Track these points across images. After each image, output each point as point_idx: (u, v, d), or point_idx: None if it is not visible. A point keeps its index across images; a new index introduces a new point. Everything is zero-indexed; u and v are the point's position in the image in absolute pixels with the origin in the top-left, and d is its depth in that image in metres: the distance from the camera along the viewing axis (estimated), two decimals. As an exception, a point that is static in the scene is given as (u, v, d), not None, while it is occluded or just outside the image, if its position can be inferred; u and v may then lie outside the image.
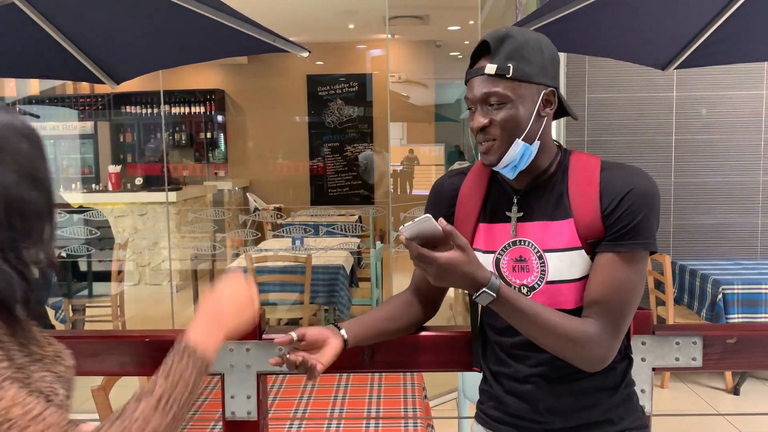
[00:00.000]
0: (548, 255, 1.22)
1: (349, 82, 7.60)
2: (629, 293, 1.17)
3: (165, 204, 5.67)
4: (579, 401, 1.26)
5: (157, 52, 2.66)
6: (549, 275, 1.22)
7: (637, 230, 1.16)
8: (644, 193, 1.17)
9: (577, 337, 1.15)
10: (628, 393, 1.30)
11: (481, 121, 1.18)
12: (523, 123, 1.18)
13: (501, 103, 1.17)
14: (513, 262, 1.25)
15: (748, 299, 3.53)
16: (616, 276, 1.16)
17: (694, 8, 2.50)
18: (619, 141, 4.23)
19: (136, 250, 5.93)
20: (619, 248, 1.16)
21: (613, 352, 1.18)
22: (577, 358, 1.18)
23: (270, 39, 2.24)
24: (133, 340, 1.46)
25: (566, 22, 2.42)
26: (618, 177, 1.20)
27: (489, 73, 1.16)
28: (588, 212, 1.19)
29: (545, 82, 1.19)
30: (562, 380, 1.26)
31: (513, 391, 1.30)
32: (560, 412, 1.27)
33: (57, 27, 2.45)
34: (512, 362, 1.29)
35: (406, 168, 7.67)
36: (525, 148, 1.19)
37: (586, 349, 1.16)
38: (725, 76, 4.20)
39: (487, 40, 1.18)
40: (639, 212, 1.16)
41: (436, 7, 6.19)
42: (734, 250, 4.26)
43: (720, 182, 4.25)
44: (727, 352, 1.41)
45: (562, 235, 1.21)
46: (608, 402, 1.27)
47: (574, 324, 1.16)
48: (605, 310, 1.16)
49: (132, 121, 7.65)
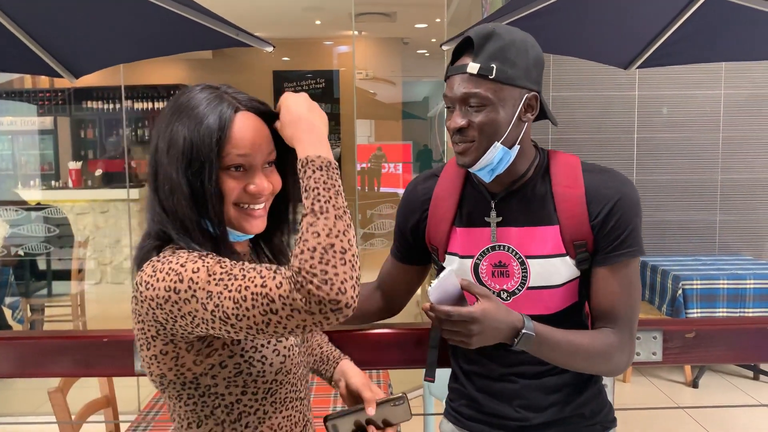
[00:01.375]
0: (531, 261, 1.21)
1: (315, 78, 7.54)
2: (634, 297, 1.21)
3: (127, 201, 5.56)
4: (552, 397, 1.27)
5: (117, 45, 2.59)
6: (531, 281, 1.21)
7: (630, 239, 1.19)
8: (632, 202, 1.19)
9: (605, 351, 1.18)
10: (597, 388, 1.33)
11: (458, 122, 1.14)
12: (503, 127, 1.13)
13: (481, 105, 1.12)
14: (492, 267, 1.23)
15: (707, 294, 3.62)
16: (621, 284, 1.20)
17: (655, 8, 2.54)
18: (582, 139, 4.29)
19: (98, 248, 5.79)
20: (618, 259, 1.19)
21: (633, 354, 1.23)
22: (604, 369, 1.22)
23: (233, 33, 2.20)
24: (90, 339, 1.42)
25: (530, 21, 2.43)
26: (604, 184, 1.19)
27: (471, 72, 1.11)
28: (575, 216, 1.19)
29: (528, 86, 1.14)
30: (535, 377, 1.27)
31: (486, 389, 1.30)
32: (534, 409, 1.28)
33: (12, 18, 2.38)
34: (485, 361, 1.29)
35: (374, 165, 7.66)
36: (504, 152, 1.15)
37: (614, 358, 1.19)
38: (686, 75, 4.29)
39: (471, 37, 1.12)
40: (630, 222, 1.19)
41: (403, 4, 6.19)
42: (693, 246, 4.36)
43: (680, 180, 4.35)
44: (687, 346, 1.44)
45: (546, 242, 1.20)
46: (580, 397, 1.29)
47: (599, 339, 1.19)
48: (619, 318, 1.20)
49: (93, 117, 7.47)
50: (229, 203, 0.97)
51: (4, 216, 4.69)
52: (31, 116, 7.17)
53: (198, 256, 0.90)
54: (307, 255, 0.82)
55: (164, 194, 0.96)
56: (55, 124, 7.33)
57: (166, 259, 0.92)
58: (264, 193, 0.98)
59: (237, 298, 0.83)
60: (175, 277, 0.88)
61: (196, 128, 0.93)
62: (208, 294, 0.85)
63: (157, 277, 0.90)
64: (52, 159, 7.11)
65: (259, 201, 0.99)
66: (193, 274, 0.87)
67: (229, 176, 0.96)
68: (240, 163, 0.96)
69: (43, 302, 4.56)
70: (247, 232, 1.00)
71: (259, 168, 0.98)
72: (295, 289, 0.81)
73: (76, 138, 7.42)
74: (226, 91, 0.99)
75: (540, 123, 1.21)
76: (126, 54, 2.69)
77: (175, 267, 0.89)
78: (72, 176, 6.19)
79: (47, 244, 4.53)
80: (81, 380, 2.00)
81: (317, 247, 0.82)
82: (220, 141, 0.93)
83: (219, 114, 0.94)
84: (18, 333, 3.26)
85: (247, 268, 0.86)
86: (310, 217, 0.85)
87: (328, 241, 0.83)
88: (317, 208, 0.85)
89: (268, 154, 0.99)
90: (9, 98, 7.00)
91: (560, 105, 4.26)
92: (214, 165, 0.93)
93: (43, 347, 1.42)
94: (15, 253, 4.57)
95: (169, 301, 0.88)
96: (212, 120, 0.94)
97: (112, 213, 5.79)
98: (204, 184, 0.93)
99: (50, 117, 7.23)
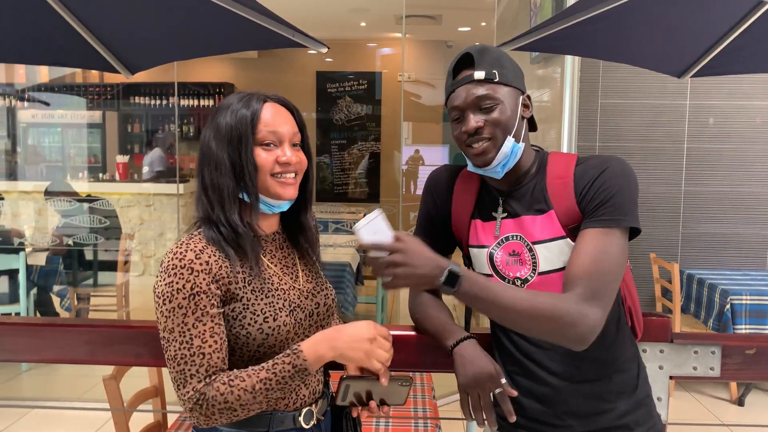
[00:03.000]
0: (537, 247, 1.26)
1: (358, 79, 7.58)
2: (605, 263, 1.17)
3: (172, 195, 5.67)
4: (595, 404, 1.28)
5: (174, 43, 2.64)
6: (540, 266, 1.25)
7: (610, 206, 1.19)
8: (616, 173, 1.21)
9: (555, 313, 1.13)
10: (643, 398, 1.31)
11: (475, 123, 1.25)
12: (512, 121, 1.26)
13: (493, 104, 1.24)
14: (507, 256, 1.29)
15: (756, 310, 3.52)
16: (591, 246, 1.18)
17: (713, 16, 2.49)
18: (630, 147, 4.22)
19: (142, 241, 5.92)
20: (593, 224, 1.19)
21: (595, 324, 1.15)
22: (559, 335, 1.16)
23: (289, 33, 2.22)
24: (149, 330, 1.46)
25: (583, 27, 2.41)
26: (591, 165, 1.25)
27: (479, 78, 1.24)
28: (564, 200, 1.24)
29: (521, 87, 1.30)
30: (579, 382, 1.27)
31: (531, 393, 1.31)
32: (577, 416, 1.28)
33: (75, 14, 2.44)
34: (530, 364, 1.30)
35: (411, 168, 7.66)
36: (514, 145, 1.26)
37: (570, 325, 1.13)
38: (738, 85, 4.19)
39: (470, 52, 1.27)
40: (611, 189, 1.19)
41: (450, 7, 6.17)
42: (743, 260, 4.25)
43: (730, 192, 4.24)
44: (746, 362, 1.41)
45: (546, 227, 1.25)
46: (623, 406, 1.28)
47: (549, 300, 1.15)
48: (581, 280, 1.16)
49: (140, 112, 7.64)
50: (266, 173, 1.19)
51: (57, 206, 4.83)
52: (81, 110, 7.37)
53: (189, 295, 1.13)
54: (221, 399, 1.10)
55: (209, 172, 1.19)
56: (103, 118, 7.51)
57: (174, 267, 1.14)
58: (292, 161, 1.20)
59: (173, 356, 1.13)
60: (168, 291, 1.13)
61: (234, 114, 1.19)
62: (168, 330, 1.14)
63: (162, 277, 1.15)
64: (99, 152, 7.29)
65: (290, 170, 1.21)
66: (177, 308, 1.12)
67: (262, 149, 1.19)
68: (270, 140, 1.19)
69: (89, 291, 4.68)
70: (282, 197, 1.21)
71: (287, 143, 1.21)
72: (191, 405, 1.11)
73: (123, 132, 7.59)
74: (257, 92, 1.23)
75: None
76: (182, 51, 2.73)
77: (170, 286, 1.13)
78: (119, 169, 6.34)
79: (96, 235, 4.64)
80: (131, 370, 2.05)
81: (226, 408, 1.10)
82: (253, 120, 1.18)
83: (252, 104, 1.20)
84: (81, 321, 3.35)
85: (191, 353, 1.12)
86: (249, 392, 1.11)
87: (239, 404, 1.11)
88: (259, 391, 1.12)
89: (293, 135, 1.23)
90: (61, 92, 7.20)
91: (609, 112, 4.20)
92: (249, 140, 1.17)
93: (104, 335, 1.46)
94: (65, 243, 4.70)
95: (156, 304, 1.16)
96: (247, 108, 1.19)
97: (156, 207, 5.91)
98: (241, 156, 1.17)
99: (99, 111, 7.42)
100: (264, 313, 1.17)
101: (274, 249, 1.27)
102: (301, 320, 1.23)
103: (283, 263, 1.27)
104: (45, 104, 6.50)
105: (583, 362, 1.27)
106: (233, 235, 1.17)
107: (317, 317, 1.27)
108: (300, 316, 1.23)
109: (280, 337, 1.19)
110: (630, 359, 1.32)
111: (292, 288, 1.24)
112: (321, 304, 1.28)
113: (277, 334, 1.18)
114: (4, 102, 6.18)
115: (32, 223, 5.28)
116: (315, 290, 1.29)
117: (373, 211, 1.16)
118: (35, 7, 2.35)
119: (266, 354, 1.18)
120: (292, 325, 1.20)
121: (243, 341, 1.17)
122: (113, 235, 4.75)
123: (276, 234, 1.29)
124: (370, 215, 1.14)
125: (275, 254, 1.27)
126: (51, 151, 6.57)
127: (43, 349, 1.48)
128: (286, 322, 1.19)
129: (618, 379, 1.29)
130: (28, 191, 5.44)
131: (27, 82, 6.63)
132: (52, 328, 1.49)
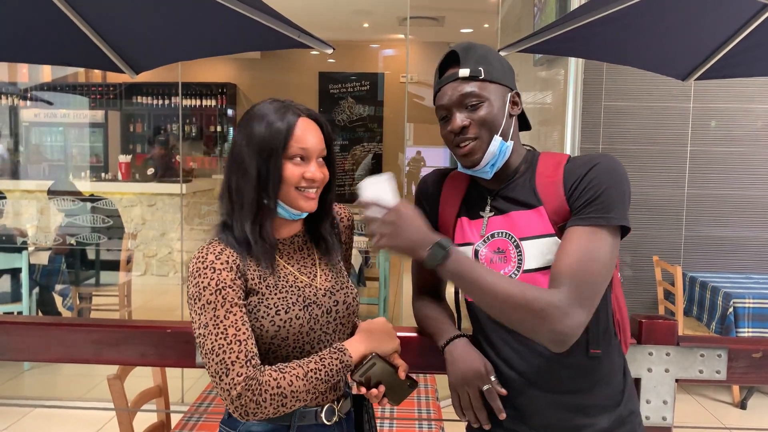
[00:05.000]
0: (524, 243, 1.23)
1: (360, 80, 7.58)
2: (591, 263, 1.13)
3: (174, 195, 5.67)
4: (573, 418, 1.24)
5: (179, 43, 2.64)
6: (525, 264, 1.22)
7: (598, 204, 1.15)
8: (606, 170, 1.18)
9: (537, 306, 1.10)
10: (627, 415, 1.27)
11: (461, 122, 1.23)
12: (499, 119, 1.23)
13: (478, 102, 1.22)
14: (492, 253, 1.26)
15: (760, 313, 3.52)
16: (578, 246, 1.14)
17: (718, 19, 2.48)
18: (633, 150, 4.22)
19: (144, 241, 5.92)
20: (581, 222, 1.16)
21: (577, 326, 1.11)
22: (540, 330, 1.12)
23: (295, 34, 2.22)
24: (155, 330, 1.46)
25: (587, 30, 2.41)
26: (580, 162, 1.22)
27: (464, 76, 1.23)
28: (554, 198, 1.21)
29: (510, 84, 1.27)
30: (559, 393, 1.23)
31: (508, 402, 1.25)
32: (554, 429, 1.24)
33: (79, 14, 2.44)
34: (509, 371, 1.26)
35: (413, 169, 7.66)
36: (502, 144, 1.24)
37: (551, 320, 1.10)
38: (742, 88, 4.19)
39: (455, 50, 1.26)
40: (599, 186, 1.16)
41: (453, 9, 6.18)
42: (746, 263, 4.24)
43: (733, 195, 4.24)
44: (753, 366, 1.40)
45: (535, 223, 1.23)
46: (604, 422, 1.24)
47: (534, 292, 1.12)
48: (566, 279, 1.12)
49: (143, 112, 7.64)
50: (291, 186, 1.23)
51: (60, 206, 4.83)
52: (84, 109, 7.37)
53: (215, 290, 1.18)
54: (274, 384, 1.13)
55: (236, 178, 1.24)
56: (105, 117, 7.51)
57: (199, 270, 1.20)
58: (317, 178, 1.24)
59: (210, 349, 1.15)
60: (196, 291, 1.18)
61: (269, 127, 1.23)
62: (202, 325, 1.17)
63: (191, 280, 1.21)
64: (101, 152, 7.29)
65: (314, 185, 1.26)
66: (207, 304, 1.17)
67: (292, 163, 1.23)
68: (300, 154, 1.24)
69: (91, 291, 4.68)
70: (303, 209, 1.26)
71: (314, 160, 1.26)
72: (238, 391, 1.11)
73: (126, 132, 7.59)
74: (291, 103, 1.28)
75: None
76: (187, 52, 2.73)
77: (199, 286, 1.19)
78: (121, 169, 6.34)
79: (99, 234, 4.64)
80: (134, 369, 2.05)
81: (278, 393, 1.14)
82: (287, 136, 1.22)
83: (287, 118, 1.24)
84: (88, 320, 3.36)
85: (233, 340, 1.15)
86: (301, 379, 1.16)
87: (290, 390, 1.15)
88: (310, 379, 1.17)
89: (321, 150, 1.27)
90: (63, 91, 7.20)
91: (612, 115, 4.20)
92: (279, 153, 1.22)
93: (110, 335, 1.46)
94: (68, 242, 4.70)
95: (189, 307, 1.22)
96: (282, 122, 1.23)
97: (159, 206, 5.91)
98: (270, 168, 1.21)
99: (101, 111, 7.42)
100: (276, 307, 1.22)
101: (293, 251, 1.32)
102: (317, 316, 1.27)
103: (300, 264, 1.31)
104: (48, 103, 6.51)
105: (564, 371, 1.22)
106: (246, 242, 1.23)
107: (336, 314, 1.30)
108: (317, 312, 1.26)
109: (293, 329, 1.23)
110: (615, 372, 1.27)
111: (308, 286, 1.28)
112: (340, 302, 1.31)
113: (290, 326, 1.22)
114: (6, 101, 6.18)
115: (35, 222, 5.28)
116: (334, 288, 1.31)
117: (385, 173, 1.19)
118: (41, 6, 2.35)
119: (280, 347, 1.23)
120: (306, 320, 1.24)
121: (257, 333, 1.21)
122: (116, 235, 4.75)
123: (296, 237, 1.33)
124: (381, 176, 1.17)
125: (293, 256, 1.31)
126: (53, 151, 6.57)
127: (50, 348, 1.48)
128: (299, 315, 1.23)
129: (601, 392, 1.24)
130: (31, 190, 5.45)
131: (30, 81, 6.63)
132: (58, 327, 1.50)
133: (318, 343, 1.27)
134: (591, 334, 1.21)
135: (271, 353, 1.23)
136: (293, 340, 1.23)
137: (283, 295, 1.24)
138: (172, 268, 5.82)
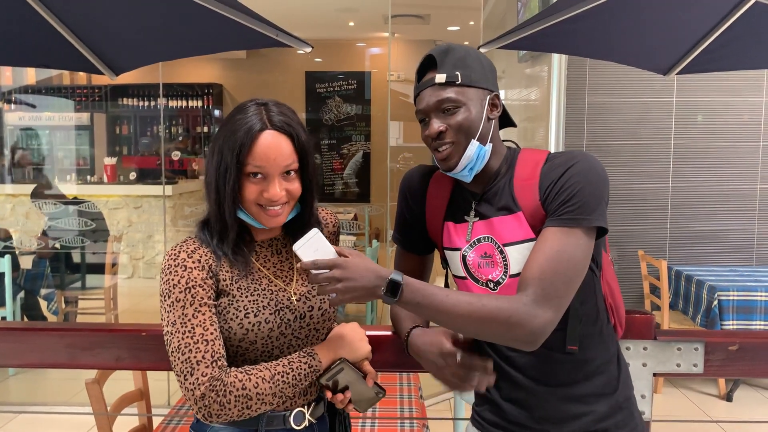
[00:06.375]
0: (507, 249, 1.23)
1: (347, 79, 7.56)
2: (561, 263, 1.12)
3: (160, 197, 5.63)
4: (572, 408, 1.26)
5: (157, 43, 2.62)
6: (511, 269, 1.22)
7: (571, 205, 1.14)
8: (581, 170, 1.16)
9: (500, 315, 1.10)
10: (623, 401, 1.29)
11: (437, 127, 1.23)
12: (476, 124, 1.22)
13: (455, 107, 1.21)
14: (479, 258, 1.26)
15: (744, 306, 3.54)
16: (549, 246, 1.14)
17: (698, 13, 2.49)
18: (617, 145, 4.23)
19: (130, 243, 5.89)
20: (554, 223, 1.16)
21: (545, 325, 1.11)
22: (508, 336, 1.12)
23: (273, 33, 2.21)
24: (129, 333, 1.44)
25: (567, 25, 2.41)
26: (557, 163, 1.20)
27: (440, 82, 1.22)
28: (530, 202, 1.21)
29: (489, 87, 1.25)
30: (556, 386, 1.26)
31: (510, 397, 1.30)
32: (554, 420, 1.27)
33: (57, 16, 2.42)
34: (509, 368, 1.29)
35: (402, 167, 7.65)
36: (479, 148, 1.23)
37: (513, 323, 1.10)
38: (725, 83, 4.21)
39: (432, 54, 1.25)
40: (574, 187, 1.15)
41: (438, 6, 6.17)
42: (730, 256, 4.27)
43: (717, 189, 4.26)
44: (729, 359, 1.41)
45: (515, 228, 1.22)
46: (602, 409, 1.27)
47: (494, 302, 1.12)
48: (534, 280, 1.12)
49: (129, 114, 7.59)
50: (251, 202, 1.19)
51: (43, 209, 4.79)
52: (69, 112, 7.31)
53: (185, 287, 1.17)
54: (239, 385, 1.12)
55: (205, 184, 1.22)
56: (91, 120, 7.46)
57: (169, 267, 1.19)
58: (275, 198, 1.18)
59: (177, 347, 1.13)
60: (166, 288, 1.17)
61: (228, 139, 1.17)
62: (170, 323, 1.15)
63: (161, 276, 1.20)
64: (88, 154, 7.24)
65: (274, 204, 1.19)
66: (176, 302, 1.15)
67: (249, 181, 1.18)
68: (257, 171, 1.17)
69: (77, 295, 4.65)
70: (266, 225, 1.23)
71: (276, 177, 1.18)
72: (202, 391, 1.09)
73: (111, 134, 7.55)
74: (268, 109, 1.19)
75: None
76: (166, 52, 2.71)
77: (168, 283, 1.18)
78: (107, 172, 6.29)
79: (83, 238, 4.60)
80: (115, 373, 2.03)
81: (243, 395, 1.12)
82: (241, 152, 1.16)
83: (247, 130, 1.16)
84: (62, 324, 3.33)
85: (195, 340, 1.13)
86: (267, 381, 1.14)
87: (255, 392, 1.13)
88: (276, 382, 1.15)
89: (285, 166, 1.19)
90: (48, 94, 7.15)
91: (596, 110, 4.21)
92: (233, 170, 1.16)
93: (85, 339, 1.44)
94: (52, 246, 4.67)
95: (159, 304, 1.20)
96: (241, 134, 1.16)
97: (145, 209, 5.88)
98: (225, 183, 1.17)
99: (87, 113, 7.37)
100: (246, 309, 1.20)
101: (269, 255, 1.29)
102: (289, 321, 1.24)
103: (277, 267, 1.29)
104: (32, 106, 6.45)
105: (559, 365, 1.25)
106: (220, 243, 1.22)
107: (310, 320, 1.28)
108: (289, 317, 1.24)
109: (261, 333, 1.21)
110: (609, 360, 1.29)
111: (282, 290, 1.26)
112: (315, 307, 1.28)
113: (258, 330, 1.20)
114: (-10, 104, 6.13)
115: (18, 225, 5.24)
116: (310, 294, 1.29)
117: (309, 231, 1.14)
118: (16, 7, 2.33)
119: (248, 350, 1.21)
120: (276, 324, 1.22)
121: (225, 335, 1.19)
122: (101, 238, 4.72)
123: (274, 240, 1.31)
124: (307, 235, 1.13)
125: (269, 259, 1.29)
126: (38, 154, 6.52)
127: (24, 353, 1.47)
128: (269, 319, 1.21)
129: (597, 381, 1.27)
130: (15, 194, 5.40)
131: (13, 84, 6.58)
132: (33, 332, 1.48)
133: (288, 348, 1.25)
134: (569, 330, 1.22)
135: (239, 356, 1.22)
136: (261, 344, 1.21)
137: (254, 297, 1.22)
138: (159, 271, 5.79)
